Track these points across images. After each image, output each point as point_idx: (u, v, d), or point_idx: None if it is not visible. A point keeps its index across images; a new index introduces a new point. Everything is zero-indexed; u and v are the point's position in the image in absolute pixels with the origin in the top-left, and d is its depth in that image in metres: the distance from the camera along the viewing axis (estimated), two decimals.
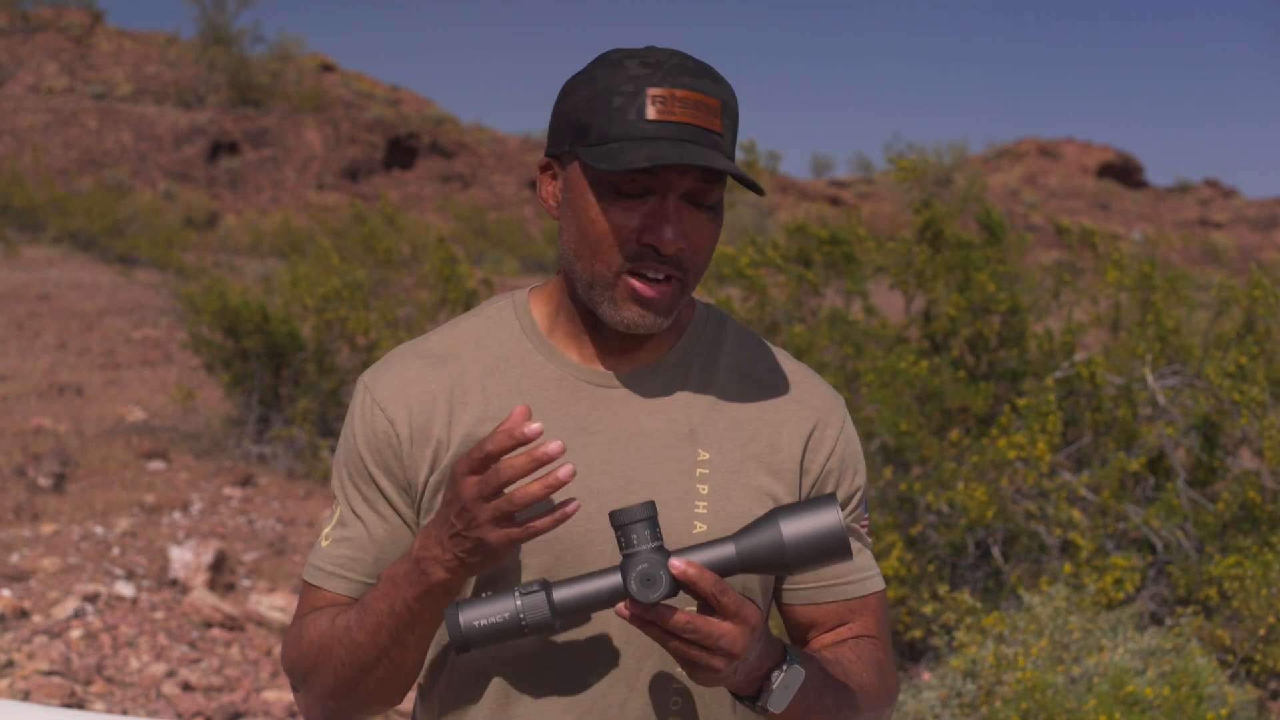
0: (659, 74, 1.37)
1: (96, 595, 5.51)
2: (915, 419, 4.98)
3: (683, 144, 1.35)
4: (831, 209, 33.04)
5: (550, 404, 1.46)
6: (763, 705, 1.35)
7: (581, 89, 1.41)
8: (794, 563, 1.29)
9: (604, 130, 1.37)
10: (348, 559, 1.48)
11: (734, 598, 1.27)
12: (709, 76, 1.39)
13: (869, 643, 1.52)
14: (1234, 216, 44.80)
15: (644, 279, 1.39)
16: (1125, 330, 5.86)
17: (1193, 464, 5.18)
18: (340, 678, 1.43)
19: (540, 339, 1.50)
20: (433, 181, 35.58)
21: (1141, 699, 3.53)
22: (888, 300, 6.40)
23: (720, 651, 1.27)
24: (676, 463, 1.45)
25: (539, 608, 1.27)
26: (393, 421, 1.46)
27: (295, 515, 7.37)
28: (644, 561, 1.26)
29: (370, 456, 1.47)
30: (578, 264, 1.42)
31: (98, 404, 10.13)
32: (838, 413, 1.55)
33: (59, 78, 37.84)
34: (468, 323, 1.54)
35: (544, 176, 1.47)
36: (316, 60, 42.48)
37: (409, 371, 1.49)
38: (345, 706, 1.46)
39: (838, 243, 5.85)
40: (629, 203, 1.38)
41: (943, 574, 4.99)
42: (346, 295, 8.58)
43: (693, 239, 1.40)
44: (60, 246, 23.87)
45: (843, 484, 1.53)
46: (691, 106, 1.36)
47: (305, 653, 1.45)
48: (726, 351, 1.53)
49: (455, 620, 1.27)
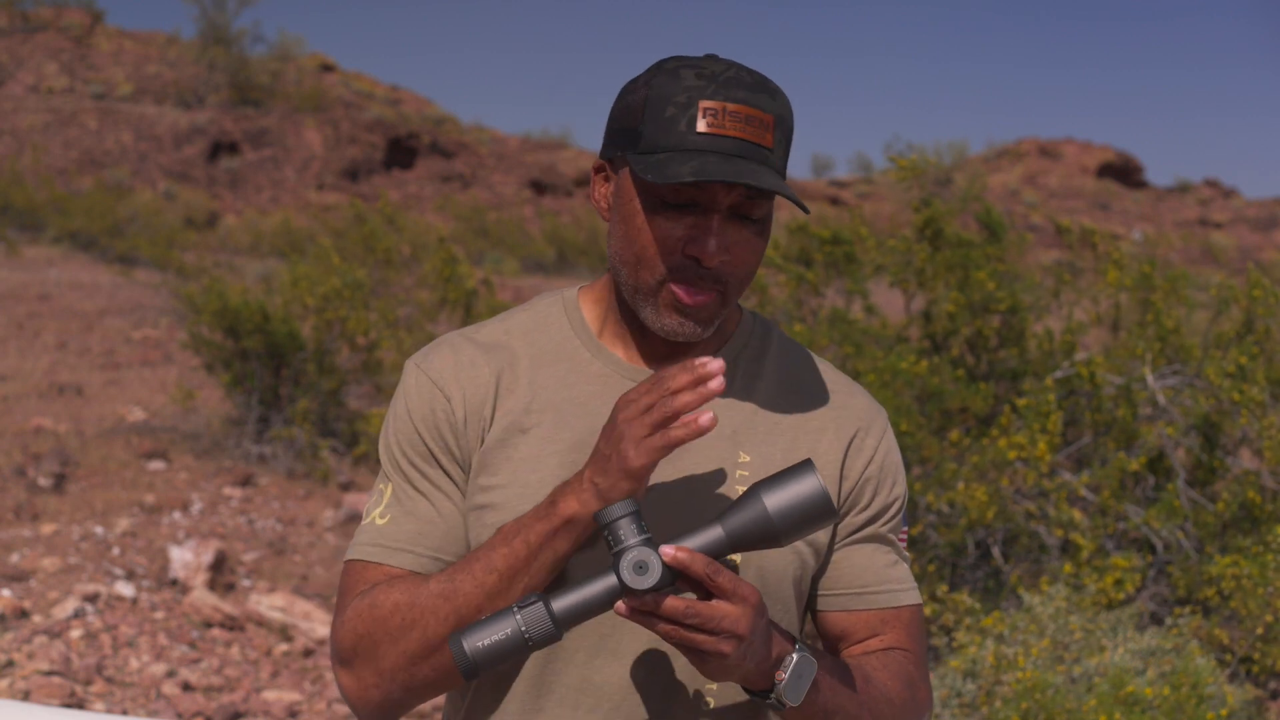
0: (713, 86, 1.37)
1: (96, 595, 5.51)
2: (915, 419, 4.98)
3: (731, 159, 1.35)
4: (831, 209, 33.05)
5: (595, 399, 1.47)
6: (777, 698, 1.34)
7: (637, 95, 1.41)
8: (782, 532, 1.30)
9: (655, 139, 1.37)
10: (415, 533, 1.46)
11: (729, 577, 1.27)
12: (765, 91, 1.39)
13: (900, 654, 1.52)
14: (1234, 216, 44.80)
15: (687, 286, 1.40)
16: (1125, 330, 5.86)
17: (1193, 464, 5.18)
18: (428, 636, 1.38)
19: (589, 336, 1.51)
20: (433, 181, 35.58)
21: (1141, 699, 3.53)
22: (888, 300, 6.40)
23: (724, 633, 1.26)
24: (717, 464, 1.46)
25: (540, 620, 1.26)
26: (449, 399, 1.47)
27: (295, 515, 7.37)
28: (633, 551, 1.26)
29: (428, 433, 1.47)
30: (623, 269, 1.43)
31: (98, 404, 10.13)
32: (879, 423, 1.55)
33: (59, 78, 37.84)
34: (518, 317, 1.55)
35: (597, 178, 1.48)
36: (316, 60, 42.48)
37: (462, 356, 1.50)
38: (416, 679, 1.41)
39: (839, 242, 5.86)
40: (675, 213, 1.38)
41: (943, 574, 4.99)
42: (347, 295, 8.58)
43: (736, 253, 1.40)
44: (60, 246, 23.87)
45: (880, 493, 1.53)
46: (743, 121, 1.36)
47: (384, 620, 1.40)
48: (771, 359, 1.54)
49: (460, 646, 1.27)
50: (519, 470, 1.44)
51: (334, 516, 7.29)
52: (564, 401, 1.47)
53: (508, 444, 1.45)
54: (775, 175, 1.37)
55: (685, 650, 1.29)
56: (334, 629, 1.46)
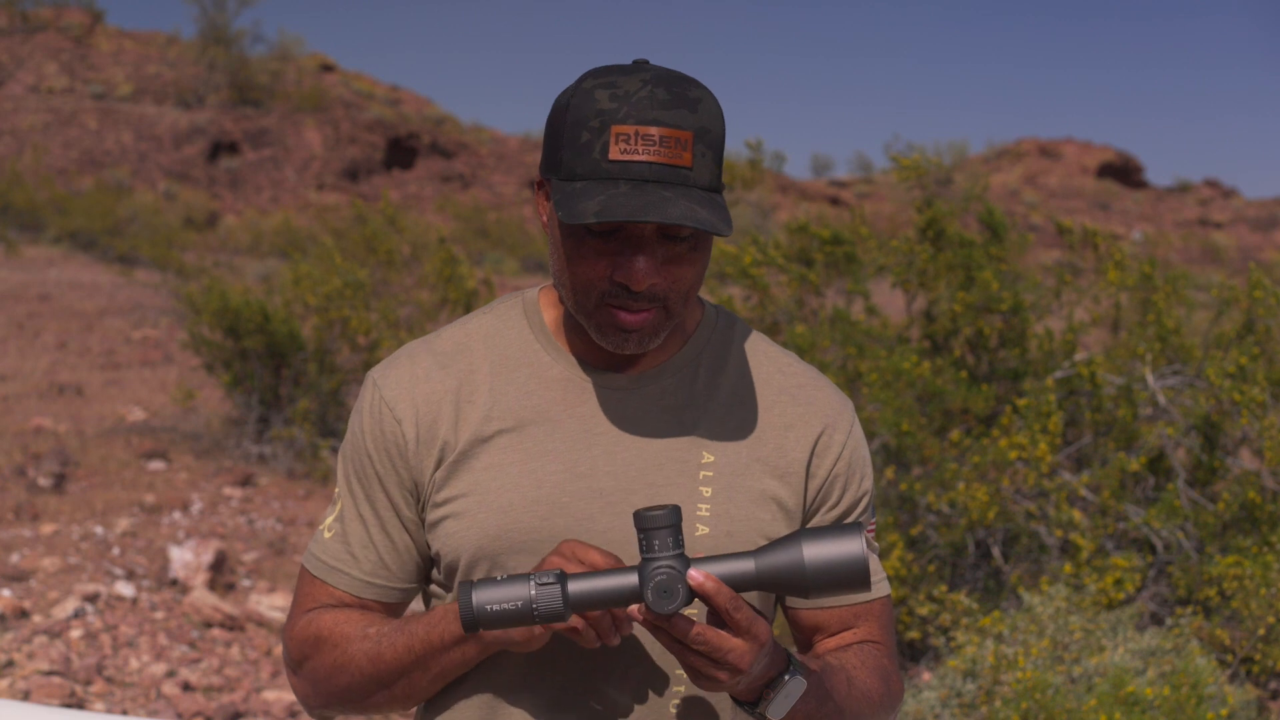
0: (624, 108, 1.33)
1: (96, 595, 5.51)
2: (917, 418, 4.98)
3: (645, 186, 1.32)
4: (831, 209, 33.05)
5: (556, 404, 1.46)
6: (761, 712, 1.35)
7: (559, 115, 1.39)
8: (812, 586, 1.29)
9: (572, 166, 1.35)
10: (348, 557, 1.49)
11: (747, 614, 1.27)
12: (683, 105, 1.34)
13: (873, 648, 1.52)
14: (1234, 216, 44.80)
15: (624, 308, 1.38)
16: (1125, 330, 5.86)
17: (1193, 464, 5.18)
18: (354, 686, 1.44)
19: (548, 339, 1.50)
20: (433, 181, 35.57)
21: (1141, 699, 3.53)
22: (888, 300, 6.39)
23: (726, 665, 1.27)
24: (680, 464, 1.45)
25: (553, 599, 1.27)
26: (400, 421, 1.46)
27: (295, 515, 7.37)
28: (663, 572, 1.26)
29: (376, 455, 1.48)
30: (562, 289, 1.43)
31: (98, 404, 10.13)
32: (845, 417, 1.54)
33: (59, 78, 37.83)
34: (478, 320, 1.54)
35: (539, 194, 1.47)
36: (316, 60, 42.47)
37: (418, 370, 1.49)
38: (349, 708, 1.48)
39: (840, 243, 5.86)
40: (599, 243, 1.36)
41: (943, 574, 4.99)
42: (349, 295, 8.58)
43: (668, 273, 1.38)
44: (60, 246, 23.88)
45: (849, 489, 1.52)
46: (657, 143, 1.32)
47: (320, 655, 1.46)
48: (734, 354, 1.53)
49: (468, 599, 1.27)
50: (480, 478, 1.44)
51: None
52: (524, 409, 1.46)
53: (470, 455, 1.45)
54: (692, 196, 1.33)
55: (683, 661, 1.30)
56: (284, 632, 1.52)
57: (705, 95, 1.37)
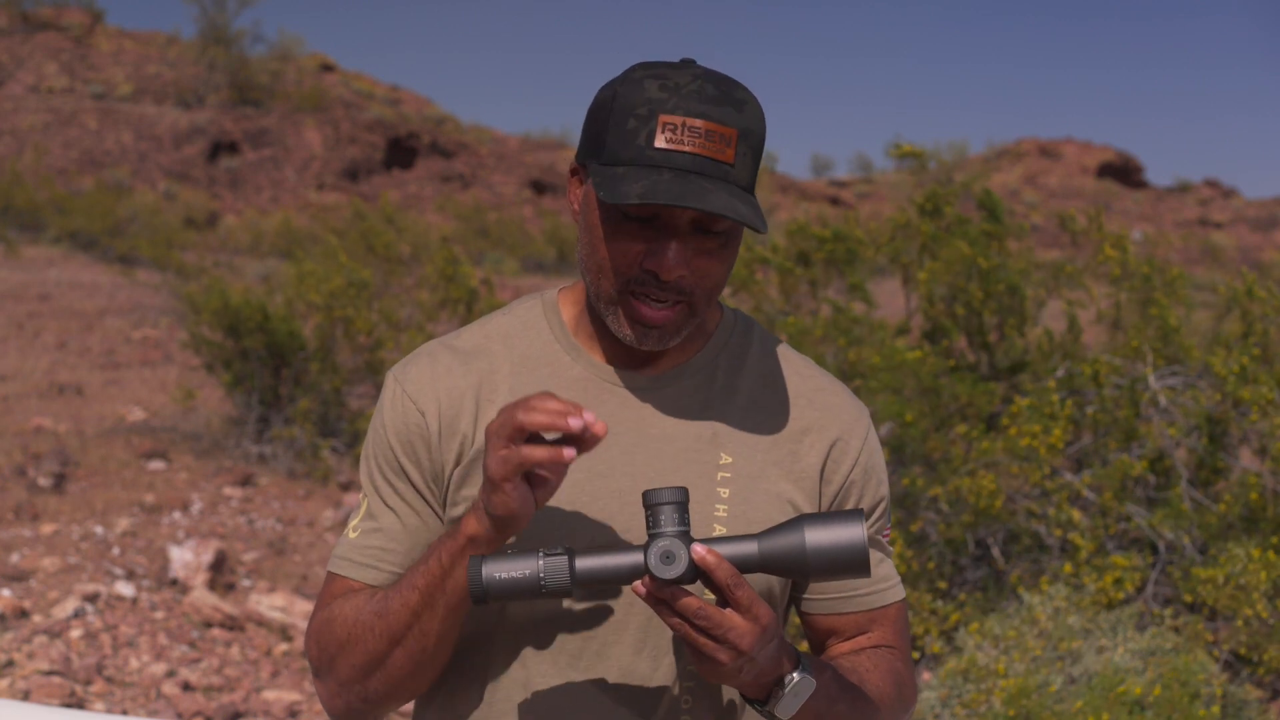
0: (674, 99, 1.35)
1: (96, 595, 5.51)
2: (920, 407, 4.98)
3: (688, 176, 1.33)
4: (832, 209, 33.06)
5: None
6: (770, 710, 1.35)
7: (605, 103, 1.40)
8: (813, 570, 1.30)
9: (615, 151, 1.36)
10: (379, 550, 1.48)
11: (747, 593, 1.27)
12: (730, 104, 1.36)
13: (887, 652, 1.53)
14: (1234, 216, 44.82)
15: (648, 301, 1.39)
16: (1126, 330, 5.86)
17: (1195, 464, 5.18)
18: (370, 652, 1.42)
19: (568, 339, 1.51)
20: (433, 181, 35.58)
21: (1137, 699, 3.53)
22: (889, 301, 6.40)
23: (727, 644, 1.27)
24: (698, 465, 1.45)
25: (560, 572, 1.28)
26: (424, 413, 1.47)
27: (295, 515, 7.37)
28: (667, 540, 1.28)
29: (401, 448, 1.48)
30: (588, 275, 1.44)
31: (98, 404, 10.13)
32: (861, 424, 1.54)
33: (59, 78, 37.84)
34: (498, 321, 1.54)
35: (573, 180, 1.47)
36: (316, 60, 42.49)
37: (439, 366, 1.49)
38: (369, 691, 1.44)
39: (840, 239, 5.86)
40: (635, 227, 1.37)
41: (943, 572, 4.99)
42: (352, 294, 8.59)
43: (698, 266, 1.39)
44: (60, 246, 23.88)
45: (865, 496, 1.52)
46: (702, 136, 1.34)
47: (336, 633, 1.45)
48: (752, 358, 1.53)
49: (477, 569, 1.29)
50: None
51: (334, 516, 7.29)
52: None
53: None
54: (732, 192, 1.35)
55: (687, 646, 1.30)
56: (305, 639, 1.51)
57: (751, 99, 1.39)
